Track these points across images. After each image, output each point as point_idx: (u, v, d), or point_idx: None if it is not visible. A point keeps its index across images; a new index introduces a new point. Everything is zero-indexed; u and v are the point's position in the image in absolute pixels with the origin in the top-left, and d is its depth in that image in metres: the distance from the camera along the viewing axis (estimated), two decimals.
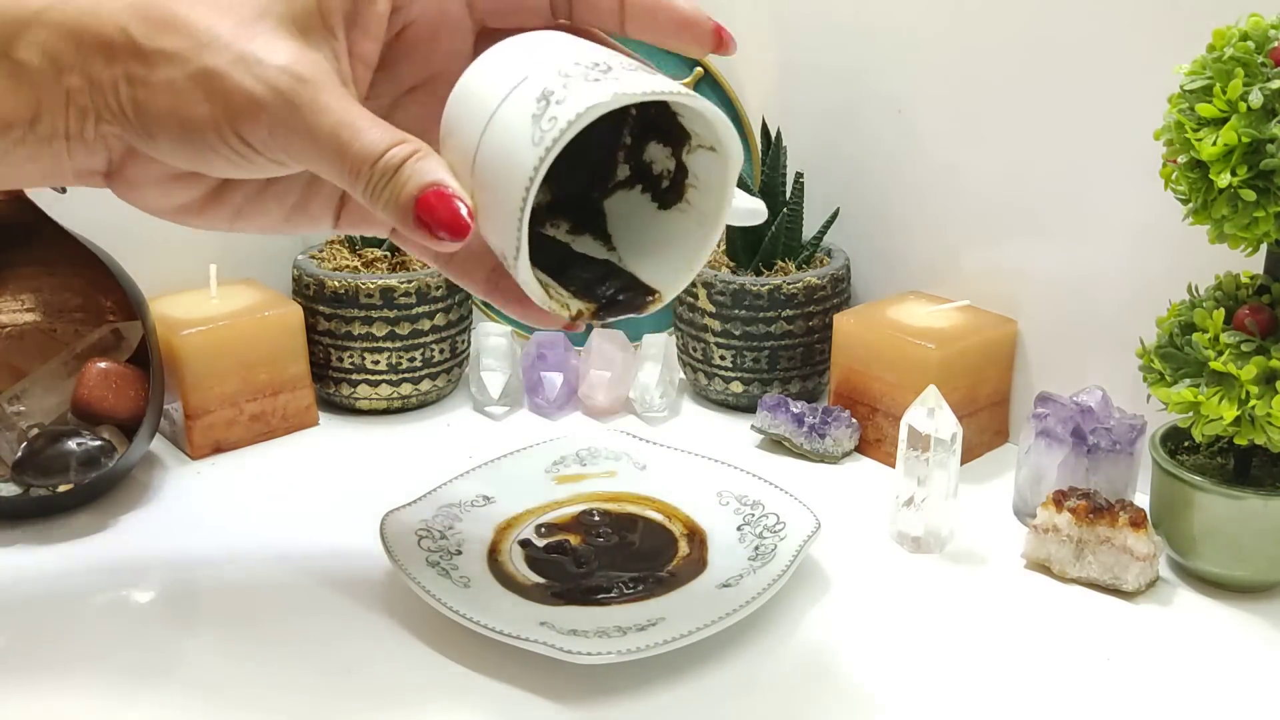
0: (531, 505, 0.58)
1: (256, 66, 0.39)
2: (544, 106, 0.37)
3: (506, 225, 0.38)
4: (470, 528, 0.55)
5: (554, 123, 0.37)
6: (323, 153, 0.39)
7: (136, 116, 0.40)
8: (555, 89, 0.38)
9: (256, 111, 0.39)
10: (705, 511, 0.57)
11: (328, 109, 0.39)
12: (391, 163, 0.39)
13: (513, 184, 0.37)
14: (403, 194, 0.39)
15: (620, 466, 0.61)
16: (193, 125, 0.40)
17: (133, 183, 0.43)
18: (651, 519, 0.57)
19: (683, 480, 0.59)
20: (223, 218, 0.45)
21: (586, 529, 0.56)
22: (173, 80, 0.40)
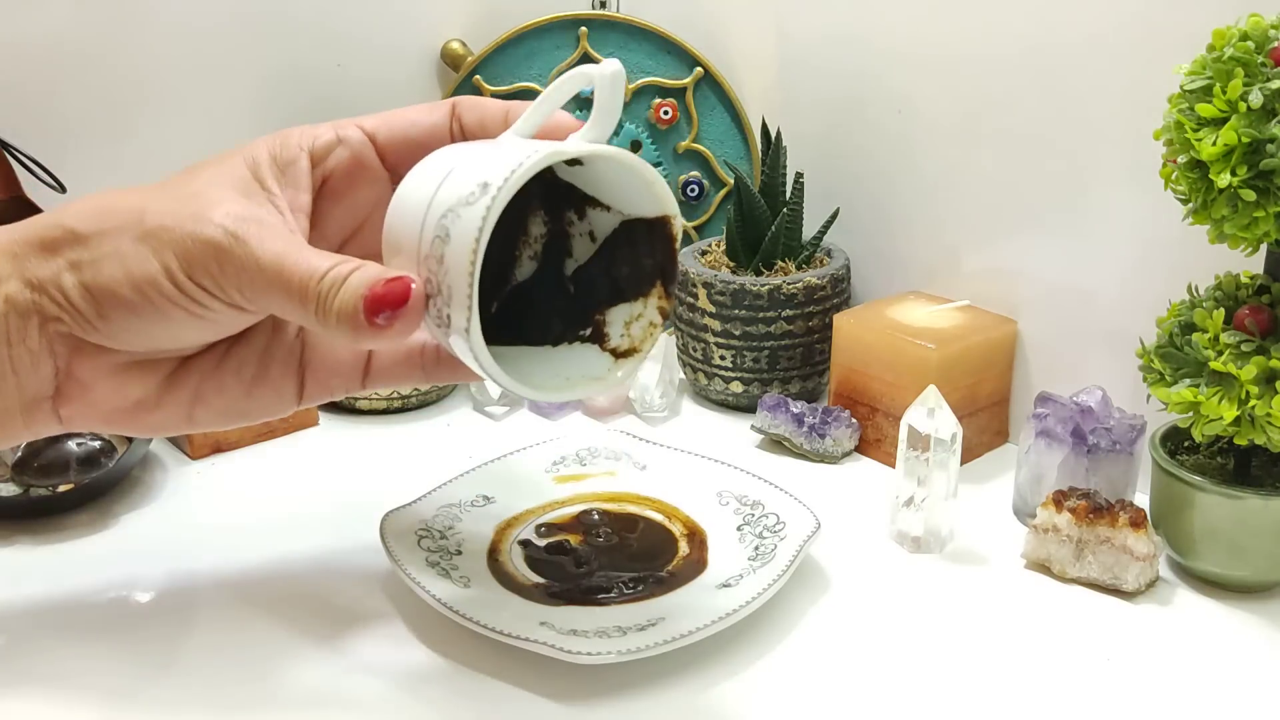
0: (531, 505, 0.58)
1: (202, 216, 0.41)
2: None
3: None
4: (470, 528, 0.55)
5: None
6: (271, 281, 0.40)
7: (86, 299, 0.41)
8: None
9: (206, 252, 0.40)
10: (705, 511, 0.57)
11: (273, 241, 0.41)
12: (337, 277, 0.40)
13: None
14: (350, 299, 0.39)
15: (620, 466, 0.61)
16: (146, 283, 0.41)
17: (85, 385, 0.43)
18: (651, 519, 0.57)
19: (683, 480, 0.59)
20: (181, 405, 0.45)
21: (586, 529, 0.56)
22: (118, 249, 0.41)
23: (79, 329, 0.42)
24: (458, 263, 0.38)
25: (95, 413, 0.44)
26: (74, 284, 0.41)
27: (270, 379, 0.47)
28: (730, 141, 0.80)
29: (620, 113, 0.43)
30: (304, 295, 0.40)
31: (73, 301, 0.41)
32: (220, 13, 0.72)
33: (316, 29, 0.77)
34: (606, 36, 0.79)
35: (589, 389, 0.44)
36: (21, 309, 0.41)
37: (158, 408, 0.45)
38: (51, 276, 0.41)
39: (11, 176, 0.62)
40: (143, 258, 0.41)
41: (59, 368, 0.43)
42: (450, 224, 0.39)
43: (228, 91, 0.74)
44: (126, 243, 0.41)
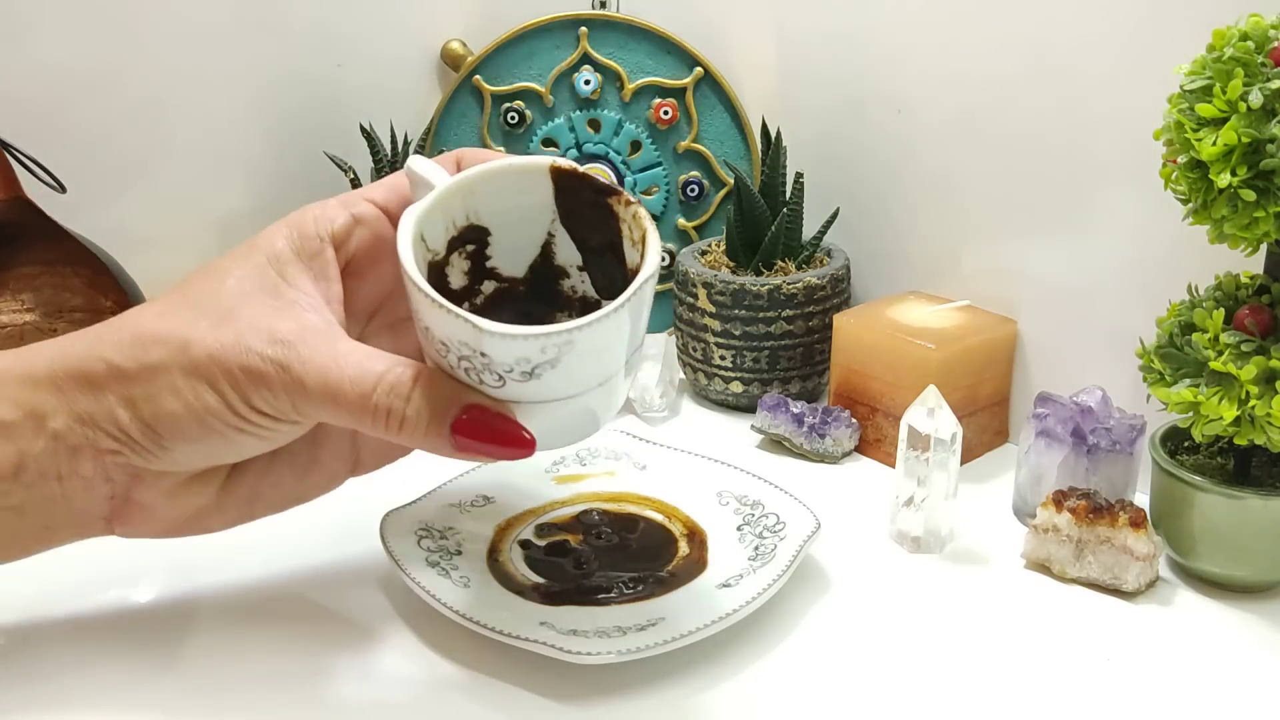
0: (531, 505, 0.58)
1: (243, 344, 0.42)
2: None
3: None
4: (470, 528, 0.55)
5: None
6: (325, 400, 0.42)
7: (145, 433, 0.42)
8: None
9: (258, 381, 0.41)
10: (705, 511, 0.57)
11: (312, 359, 0.42)
12: (397, 394, 0.41)
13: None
14: (427, 425, 0.42)
15: (620, 466, 0.61)
16: (208, 414, 0.42)
17: (144, 505, 0.44)
18: (651, 519, 0.57)
19: (683, 480, 0.59)
20: (240, 505, 0.47)
21: (586, 529, 0.56)
22: (172, 384, 0.42)
23: (139, 459, 0.43)
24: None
25: (156, 527, 0.45)
26: (130, 419, 0.42)
27: (322, 463, 0.48)
28: (730, 141, 0.80)
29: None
30: (361, 410, 0.42)
31: (131, 435, 0.42)
32: (220, 13, 0.72)
33: (316, 29, 0.77)
34: (606, 36, 0.79)
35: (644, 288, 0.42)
36: (72, 444, 0.42)
37: (218, 512, 0.46)
38: (104, 412, 0.42)
39: (11, 176, 0.62)
40: (199, 392, 0.42)
41: (116, 494, 0.44)
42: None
43: (228, 91, 0.74)
44: (178, 378, 0.42)
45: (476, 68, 0.78)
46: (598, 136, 0.79)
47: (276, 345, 0.42)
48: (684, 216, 0.81)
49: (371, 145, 0.72)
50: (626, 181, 0.79)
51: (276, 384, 0.41)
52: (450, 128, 0.80)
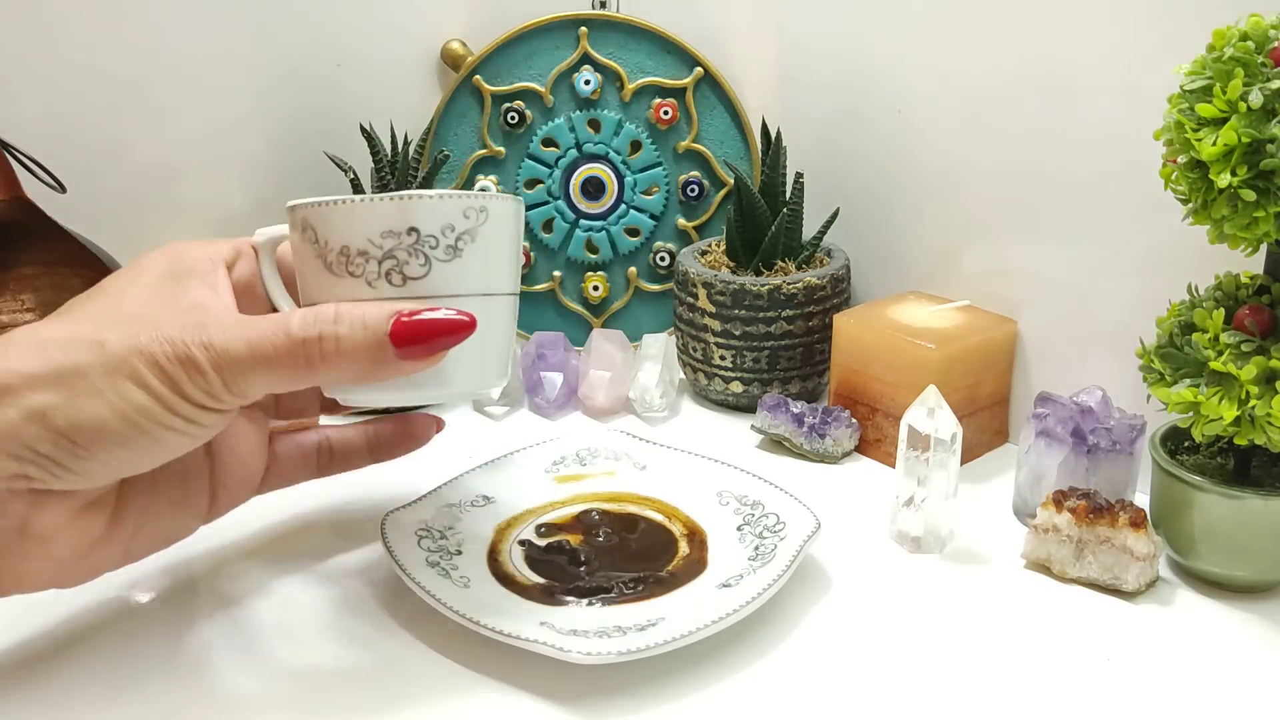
0: (532, 505, 0.58)
1: (164, 334, 0.40)
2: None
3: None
4: (470, 528, 0.55)
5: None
6: (253, 362, 0.41)
7: (59, 445, 0.39)
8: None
9: (187, 364, 0.40)
10: (705, 512, 0.57)
11: (229, 327, 0.41)
12: (323, 319, 0.42)
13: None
14: (363, 335, 0.42)
15: (620, 467, 0.61)
16: (137, 413, 0.40)
17: (42, 538, 0.41)
18: (651, 519, 0.57)
19: (683, 480, 0.59)
20: (123, 539, 0.44)
21: (586, 529, 0.56)
22: (92, 385, 0.39)
23: (47, 479, 0.39)
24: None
25: (48, 569, 0.42)
26: (40, 433, 0.38)
27: (189, 498, 0.47)
28: (730, 141, 0.80)
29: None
30: (292, 351, 0.41)
31: (41, 451, 0.39)
32: (220, 13, 0.72)
33: (316, 29, 0.77)
34: (606, 36, 0.79)
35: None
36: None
37: (106, 545, 0.43)
38: (5, 432, 0.38)
39: (11, 176, 0.62)
40: (124, 390, 0.39)
41: (8, 527, 0.40)
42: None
43: (228, 91, 0.74)
44: (99, 378, 0.39)
45: (476, 68, 0.78)
46: (598, 136, 0.79)
47: (191, 328, 0.41)
48: (684, 216, 0.81)
49: (371, 145, 0.72)
50: (627, 181, 0.79)
51: (204, 363, 0.40)
52: (450, 128, 0.80)
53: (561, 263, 0.81)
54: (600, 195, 0.79)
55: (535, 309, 0.82)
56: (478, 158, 0.80)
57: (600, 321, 0.82)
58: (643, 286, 0.81)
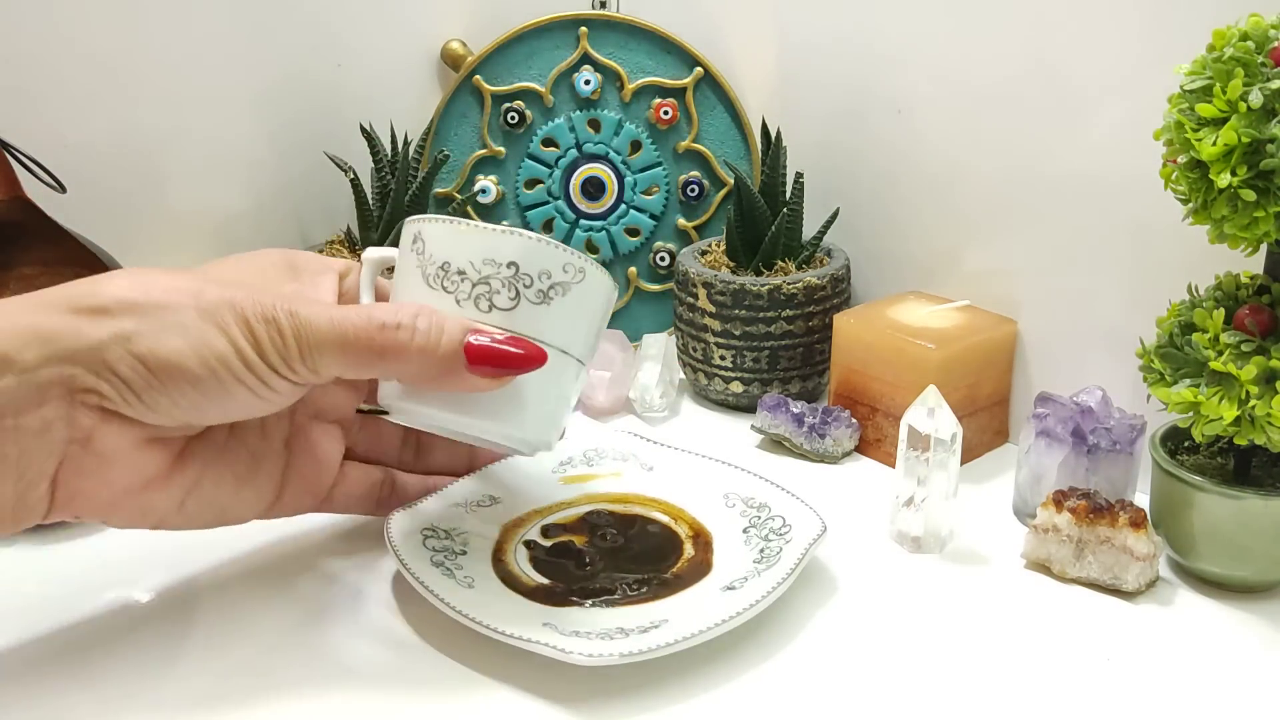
0: (538, 505, 0.57)
1: (259, 296, 0.43)
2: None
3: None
4: (476, 528, 0.55)
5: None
6: (333, 340, 0.43)
7: (136, 371, 0.40)
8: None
9: (271, 329, 0.42)
10: (711, 513, 0.56)
11: (320, 307, 0.44)
12: (404, 315, 0.44)
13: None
14: (441, 340, 0.45)
15: (627, 467, 0.61)
16: (215, 359, 0.41)
17: (104, 459, 0.41)
18: (657, 520, 0.57)
19: (689, 482, 0.59)
20: (182, 489, 0.45)
21: (592, 530, 0.56)
22: (181, 321, 0.41)
23: (117, 401, 0.41)
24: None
25: (103, 492, 0.42)
26: (123, 355, 0.40)
27: (256, 480, 0.49)
28: (730, 141, 0.80)
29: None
30: (371, 339, 0.44)
31: (118, 372, 0.40)
32: (220, 13, 0.72)
33: (316, 30, 0.77)
34: (606, 36, 0.79)
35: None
36: (40, 380, 0.39)
37: (163, 488, 0.44)
38: (92, 345, 0.40)
39: (11, 176, 0.62)
40: (209, 333, 0.41)
41: (75, 439, 0.41)
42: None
43: (228, 91, 0.74)
44: (188, 315, 0.41)
45: (476, 68, 0.78)
46: (598, 136, 0.79)
47: (284, 299, 0.43)
48: (684, 216, 0.81)
49: (371, 145, 0.72)
50: (627, 181, 0.79)
51: (287, 328, 0.42)
52: (450, 128, 0.80)
53: None
54: (600, 195, 0.79)
55: None
56: (478, 158, 0.80)
57: None
58: (643, 286, 0.81)
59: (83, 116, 0.68)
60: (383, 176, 0.72)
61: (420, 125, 0.79)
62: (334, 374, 0.45)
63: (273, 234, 0.77)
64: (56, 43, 0.67)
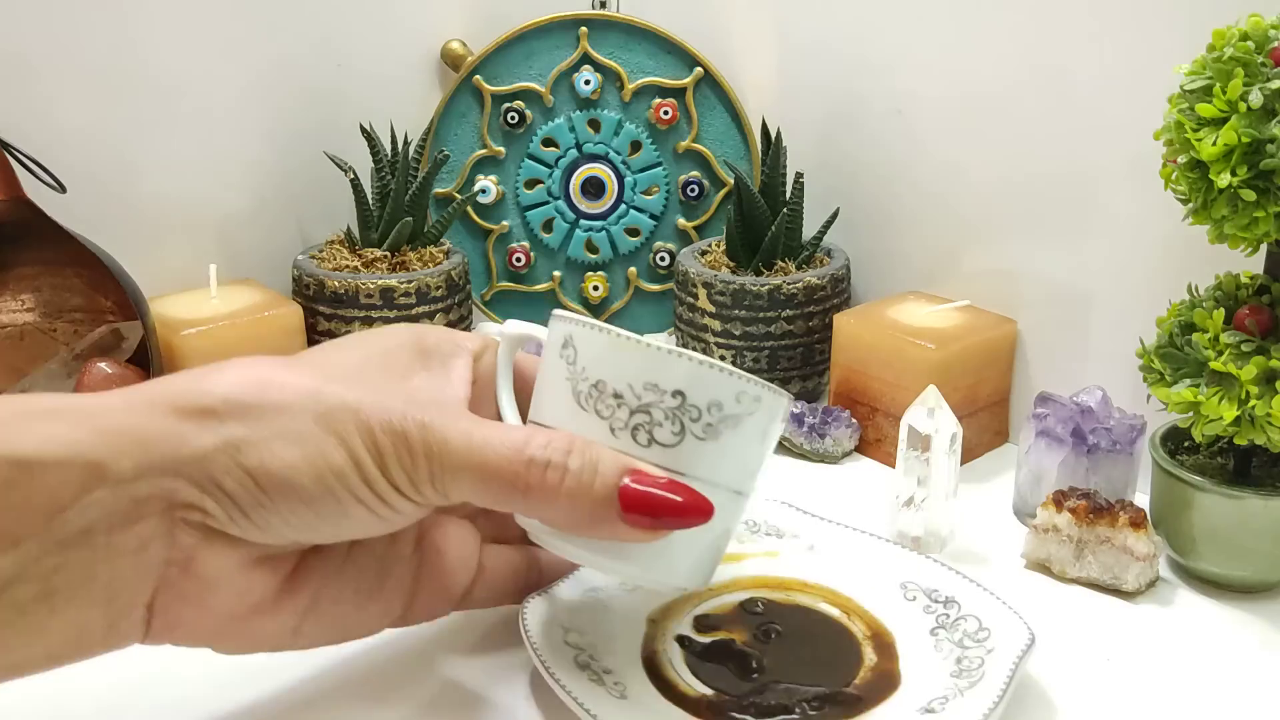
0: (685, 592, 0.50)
1: (384, 402, 0.37)
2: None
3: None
4: (620, 618, 0.47)
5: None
6: (468, 464, 0.37)
7: (245, 485, 0.35)
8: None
9: (397, 442, 0.36)
10: (889, 609, 0.48)
11: (454, 421, 0.37)
12: (555, 448, 0.38)
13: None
14: (594, 483, 0.38)
15: (783, 546, 0.53)
16: (331, 474, 0.36)
17: (205, 582, 0.36)
18: (826, 615, 0.49)
19: (858, 566, 0.51)
20: (295, 613, 0.39)
21: (752, 624, 0.48)
22: (295, 429, 0.36)
23: (223, 519, 0.35)
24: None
25: (206, 620, 0.37)
26: (230, 467, 0.35)
27: (383, 594, 0.42)
28: (730, 141, 0.80)
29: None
30: (514, 471, 0.37)
31: (225, 487, 0.35)
32: (219, 13, 0.72)
33: (316, 30, 0.77)
34: (606, 36, 0.79)
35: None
36: (138, 494, 0.34)
37: (274, 613, 0.39)
38: (197, 454, 0.34)
39: (11, 176, 0.62)
40: (327, 444, 0.36)
41: (174, 561, 0.35)
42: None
43: (227, 91, 0.74)
44: (304, 422, 0.36)
45: (476, 68, 0.78)
46: (598, 136, 0.79)
47: (414, 405, 0.37)
48: (684, 216, 0.81)
49: (371, 145, 0.72)
50: (627, 181, 0.79)
51: (417, 444, 0.36)
52: (450, 128, 0.80)
53: (561, 263, 0.81)
54: (600, 195, 0.79)
55: (535, 309, 0.82)
56: (478, 158, 0.80)
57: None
58: (643, 286, 0.81)
59: (83, 117, 0.68)
60: (383, 176, 0.72)
61: (420, 125, 0.79)
62: (466, 500, 0.38)
63: (272, 234, 0.77)
64: (57, 43, 0.67)
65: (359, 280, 0.69)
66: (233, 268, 0.74)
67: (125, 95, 0.70)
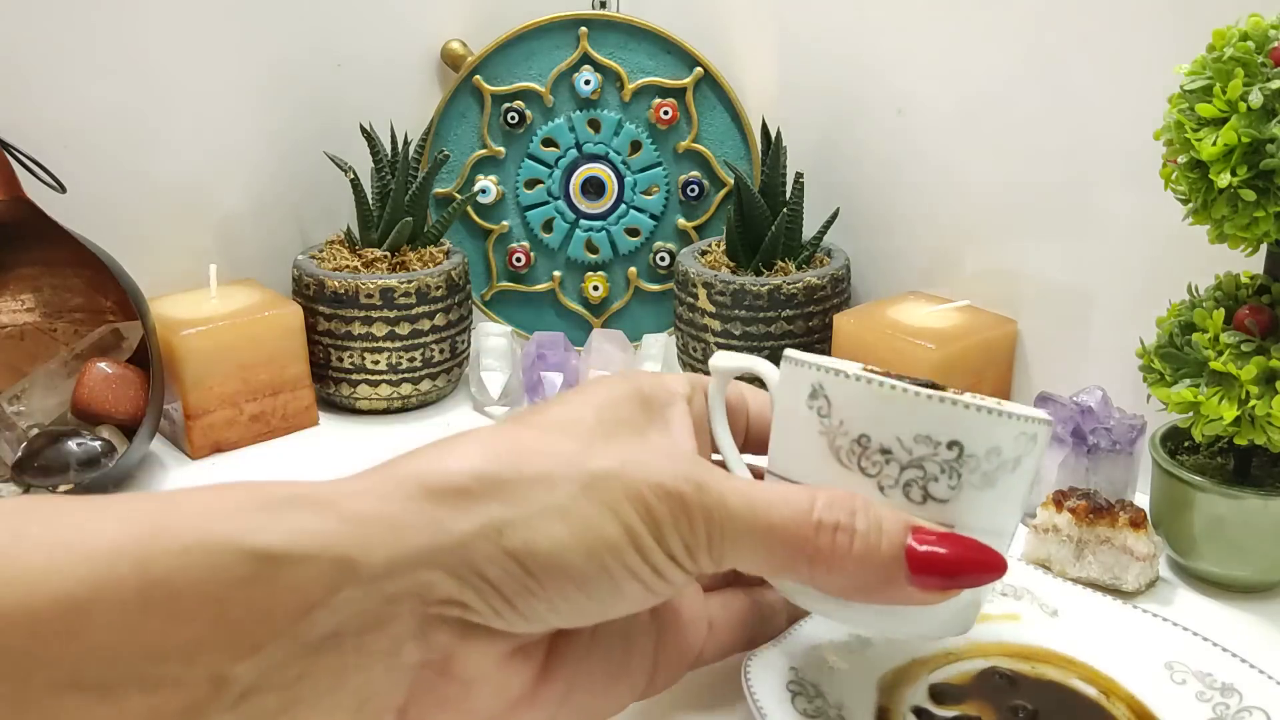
0: (919, 654, 0.45)
1: (653, 461, 0.33)
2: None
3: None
4: (849, 682, 0.43)
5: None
6: (749, 526, 0.34)
7: (511, 571, 0.31)
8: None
9: (673, 507, 0.33)
10: (1154, 691, 0.42)
11: (725, 479, 0.34)
12: (841, 508, 0.34)
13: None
14: (884, 545, 0.34)
15: (1024, 608, 0.47)
16: (605, 548, 0.32)
17: (466, 684, 0.32)
18: (1082, 694, 0.43)
19: (1113, 639, 0.45)
20: (550, 704, 0.36)
21: (996, 698, 0.42)
22: (559, 504, 0.32)
23: (485, 612, 0.31)
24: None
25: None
26: (493, 553, 0.31)
27: (630, 668, 0.38)
28: (730, 141, 0.80)
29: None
30: (800, 532, 0.34)
31: (488, 576, 0.31)
32: (219, 13, 0.72)
33: (316, 30, 0.77)
34: (606, 36, 0.79)
35: None
36: (389, 592, 0.30)
37: (530, 707, 0.35)
38: (454, 545, 0.30)
39: (11, 176, 0.62)
40: (599, 519, 0.32)
41: (431, 663, 0.31)
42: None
43: (227, 92, 0.74)
44: (569, 494, 0.32)
45: (476, 68, 0.78)
46: (598, 136, 0.79)
47: (685, 463, 0.33)
48: (684, 216, 0.81)
49: (371, 145, 0.72)
50: (627, 181, 0.79)
51: (695, 508, 0.33)
52: (450, 128, 0.80)
53: (561, 263, 0.81)
54: (600, 195, 0.79)
55: (535, 309, 0.82)
56: (478, 158, 0.80)
57: (600, 321, 0.82)
58: (643, 286, 0.81)
59: (82, 116, 0.68)
60: (383, 176, 0.72)
61: (420, 125, 0.79)
62: (740, 567, 0.35)
63: (272, 234, 0.77)
64: (57, 43, 0.67)
65: (359, 280, 0.69)
66: (233, 268, 0.74)
67: (125, 95, 0.70)
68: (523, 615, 0.32)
